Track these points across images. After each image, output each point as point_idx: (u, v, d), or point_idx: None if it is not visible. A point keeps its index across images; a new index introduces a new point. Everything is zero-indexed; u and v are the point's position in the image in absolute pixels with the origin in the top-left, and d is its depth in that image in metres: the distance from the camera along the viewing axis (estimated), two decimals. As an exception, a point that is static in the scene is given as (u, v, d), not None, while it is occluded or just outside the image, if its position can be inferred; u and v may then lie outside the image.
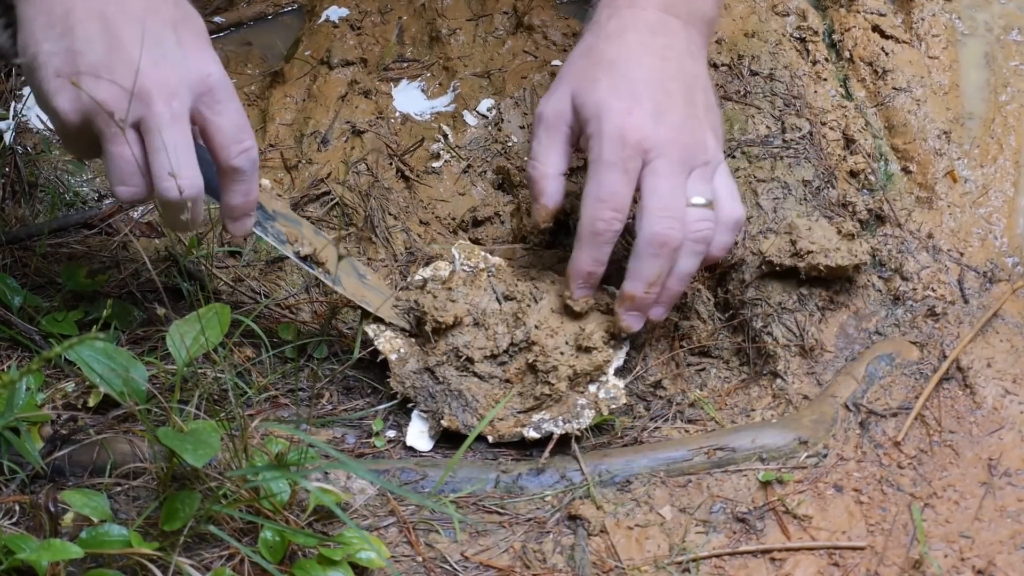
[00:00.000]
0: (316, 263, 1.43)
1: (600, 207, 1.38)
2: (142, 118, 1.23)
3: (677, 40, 1.45)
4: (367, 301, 1.44)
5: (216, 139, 1.28)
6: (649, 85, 1.40)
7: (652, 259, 1.39)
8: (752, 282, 1.55)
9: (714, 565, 1.28)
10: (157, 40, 1.24)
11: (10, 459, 1.25)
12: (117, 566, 1.15)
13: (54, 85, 1.23)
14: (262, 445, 1.28)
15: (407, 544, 1.28)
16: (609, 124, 1.38)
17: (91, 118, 1.23)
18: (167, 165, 1.23)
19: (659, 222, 1.37)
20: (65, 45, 1.22)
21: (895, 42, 1.77)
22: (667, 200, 1.38)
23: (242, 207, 1.34)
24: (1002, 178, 1.66)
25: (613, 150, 1.37)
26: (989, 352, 1.46)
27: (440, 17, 1.86)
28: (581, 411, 1.39)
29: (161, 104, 1.23)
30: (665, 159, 1.38)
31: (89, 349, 1.28)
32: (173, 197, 1.25)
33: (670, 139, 1.38)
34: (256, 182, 1.34)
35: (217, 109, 1.27)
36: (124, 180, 1.25)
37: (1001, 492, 1.33)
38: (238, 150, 1.29)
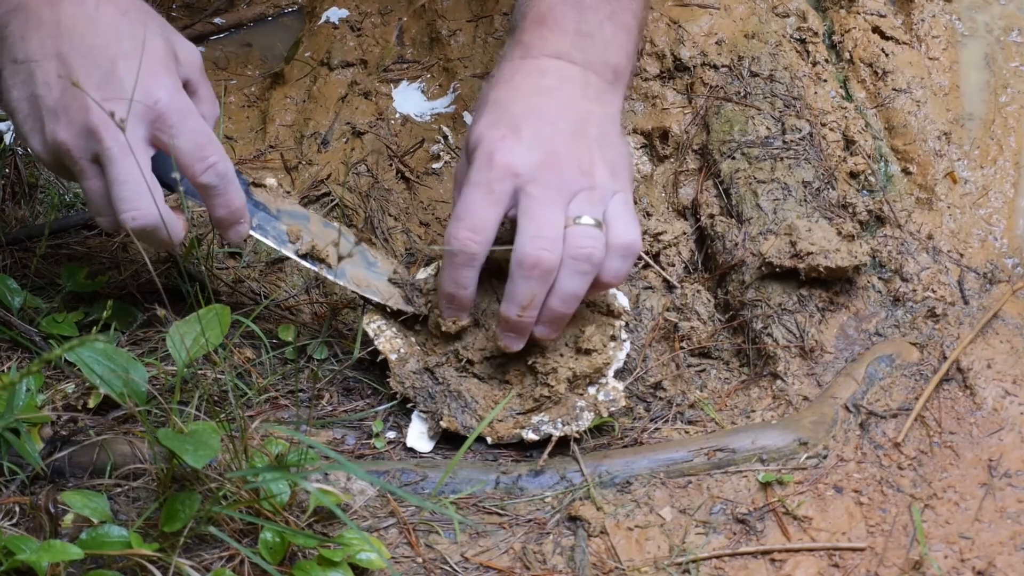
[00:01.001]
0: (317, 259, 1.43)
1: (456, 226, 1.34)
2: (96, 154, 1.28)
3: (570, 82, 1.42)
4: (373, 290, 1.44)
5: (179, 160, 1.31)
6: (529, 117, 1.37)
7: (523, 281, 1.33)
8: (752, 283, 1.55)
9: (714, 566, 1.28)
10: (105, 75, 1.28)
11: (10, 460, 1.25)
12: (117, 567, 1.15)
13: (26, 128, 1.31)
14: (262, 446, 1.28)
15: (407, 545, 1.28)
16: (481, 151, 1.36)
17: (59, 157, 1.30)
18: (120, 198, 1.28)
19: (530, 243, 1.33)
20: (28, 91, 1.29)
21: (895, 43, 1.77)
22: (539, 221, 1.33)
23: (228, 218, 1.36)
24: (1002, 179, 1.66)
25: (479, 172, 1.35)
26: (989, 353, 1.46)
27: (440, 18, 1.86)
28: (580, 413, 1.39)
29: (109, 139, 1.27)
30: (539, 184, 1.34)
31: (89, 350, 1.28)
32: (131, 227, 1.29)
33: (545, 163, 1.35)
34: (235, 190, 1.35)
35: (172, 132, 1.30)
36: (99, 211, 1.32)
37: (1001, 493, 1.33)
38: (202, 168, 1.32)
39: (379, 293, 1.44)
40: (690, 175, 1.69)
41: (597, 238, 1.34)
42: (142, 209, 1.28)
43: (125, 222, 1.29)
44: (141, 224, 1.29)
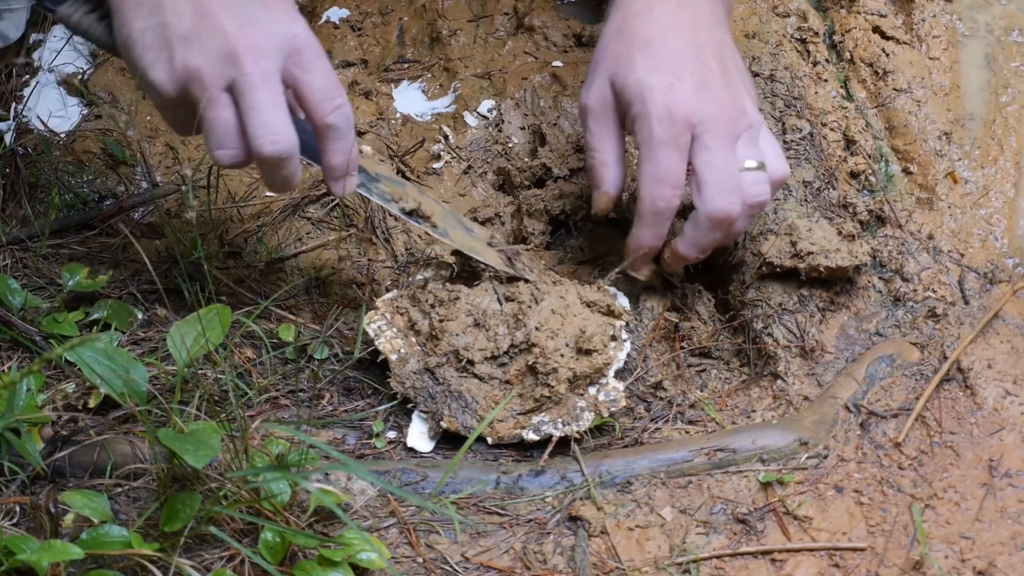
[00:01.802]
0: (422, 217, 1.45)
1: (660, 186, 1.41)
2: (234, 80, 1.27)
3: (702, 11, 1.47)
4: (477, 252, 1.46)
5: (309, 98, 1.31)
6: (686, 59, 1.42)
7: (712, 232, 1.43)
8: (752, 283, 1.55)
9: (715, 566, 1.28)
10: (242, 6, 1.28)
11: (10, 460, 1.25)
12: (118, 567, 1.15)
13: (148, 59, 1.28)
14: (263, 446, 1.28)
15: (408, 545, 1.28)
16: (654, 103, 1.39)
17: (186, 87, 1.28)
18: (260, 123, 1.27)
19: (720, 198, 1.40)
20: (156, 21, 1.27)
21: (896, 43, 1.77)
22: (723, 174, 1.40)
23: (342, 166, 1.36)
24: (1003, 179, 1.66)
25: (663, 128, 1.39)
26: (990, 353, 1.46)
27: (441, 18, 1.86)
28: (580, 413, 1.39)
29: (250, 65, 1.26)
30: (713, 132, 1.40)
31: (90, 350, 1.28)
32: (268, 153, 1.28)
33: (715, 111, 1.40)
34: (353, 140, 1.36)
35: (307, 68, 1.30)
36: (222, 143, 1.29)
37: (1002, 493, 1.33)
38: (331, 107, 1.32)
39: (482, 255, 1.46)
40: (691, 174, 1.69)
41: (765, 182, 1.43)
42: (283, 134, 1.28)
43: (263, 147, 1.27)
44: (280, 149, 1.28)
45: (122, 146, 1.72)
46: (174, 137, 1.75)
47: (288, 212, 1.66)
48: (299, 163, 1.33)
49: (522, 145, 1.74)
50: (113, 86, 1.78)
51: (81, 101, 1.78)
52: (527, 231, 1.64)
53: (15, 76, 1.80)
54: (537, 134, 1.74)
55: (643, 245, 1.46)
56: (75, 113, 1.77)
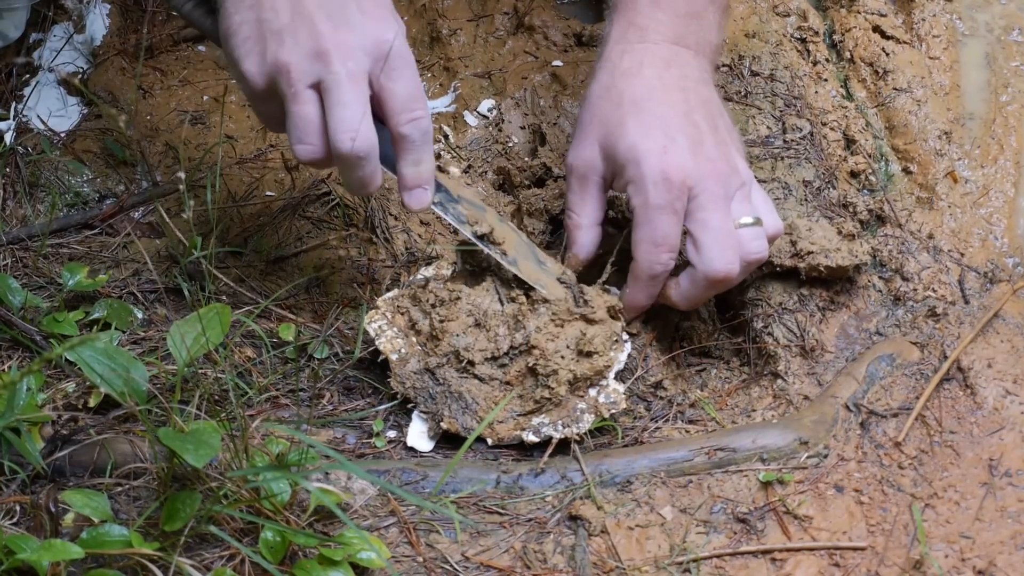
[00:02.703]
0: (493, 243, 1.45)
1: (657, 251, 1.41)
2: (321, 78, 1.29)
3: (691, 70, 1.47)
4: (544, 285, 1.44)
5: (388, 104, 1.32)
6: (677, 120, 1.42)
7: (709, 290, 1.43)
8: (752, 283, 1.55)
9: (715, 565, 1.28)
10: (339, 7, 1.30)
11: (11, 459, 1.25)
12: (118, 566, 1.15)
13: (242, 51, 1.31)
14: (263, 445, 1.28)
15: (408, 544, 1.28)
16: (649, 167, 1.39)
17: (275, 80, 1.30)
18: (342, 119, 1.28)
19: (719, 258, 1.40)
20: (254, 15, 1.31)
21: (896, 43, 1.77)
22: (720, 233, 1.40)
23: (413, 177, 1.37)
24: (1003, 178, 1.66)
25: (660, 193, 1.39)
26: (990, 352, 1.46)
27: (441, 18, 1.86)
28: (581, 415, 1.39)
29: (338, 63, 1.28)
30: (709, 194, 1.40)
31: (90, 349, 1.28)
32: (346, 150, 1.29)
33: (709, 172, 1.40)
34: (429, 153, 1.37)
35: (392, 76, 1.31)
36: (302, 138, 1.31)
37: (1002, 492, 1.33)
38: (408, 117, 1.33)
39: (547, 289, 1.44)
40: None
41: (762, 238, 1.43)
42: (362, 131, 1.29)
43: (342, 143, 1.29)
44: (359, 147, 1.29)
45: (122, 145, 1.72)
46: (174, 136, 1.75)
47: (288, 212, 1.66)
48: (378, 167, 1.34)
49: (522, 144, 1.74)
50: (113, 86, 1.78)
51: (81, 100, 1.78)
52: (527, 230, 1.64)
53: (15, 75, 1.80)
54: (537, 133, 1.74)
55: (637, 305, 1.47)
56: (75, 112, 1.77)
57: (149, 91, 1.80)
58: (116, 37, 1.84)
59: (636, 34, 1.47)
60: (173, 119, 1.77)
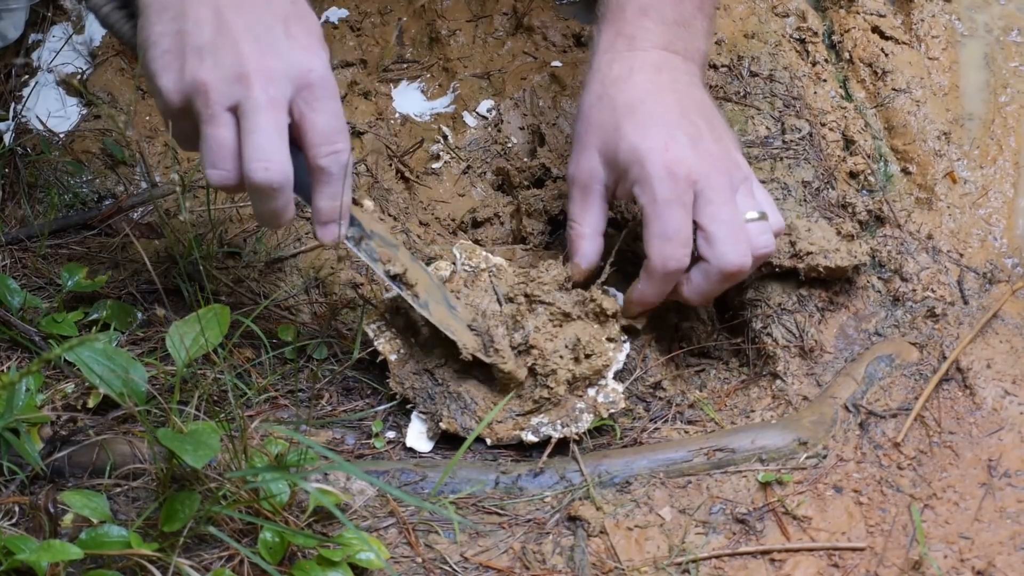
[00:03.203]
0: (406, 284, 1.41)
1: (670, 246, 1.39)
2: (239, 101, 1.24)
3: (681, 74, 1.47)
4: (454, 331, 1.41)
5: (308, 136, 1.28)
6: (673, 118, 1.41)
7: (722, 283, 1.42)
8: (751, 283, 1.55)
9: (714, 566, 1.28)
10: (266, 29, 1.26)
11: (10, 460, 1.25)
12: (117, 567, 1.15)
13: (160, 64, 1.26)
14: (262, 446, 1.28)
15: (407, 545, 1.28)
16: (653, 165, 1.38)
17: (191, 98, 1.25)
18: (256, 147, 1.24)
19: (733, 251, 1.39)
20: (176, 27, 1.25)
21: (895, 43, 1.77)
22: (731, 226, 1.39)
23: (328, 211, 1.33)
24: (1002, 179, 1.66)
25: (666, 188, 1.38)
26: (989, 353, 1.46)
27: (440, 18, 1.86)
28: (580, 415, 1.39)
29: (259, 89, 1.24)
30: (714, 187, 1.39)
31: (89, 350, 1.28)
32: (258, 180, 1.25)
33: (711, 165, 1.40)
34: (347, 187, 1.33)
35: (315, 106, 1.28)
36: (216, 163, 1.26)
37: (1001, 493, 1.33)
38: (328, 150, 1.29)
39: (457, 334, 1.41)
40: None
41: (768, 232, 1.43)
42: (276, 162, 1.25)
43: (254, 171, 1.24)
44: (271, 177, 1.25)
45: (121, 146, 1.72)
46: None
47: (287, 212, 1.66)
48: (291, 199, 1.29)
49: (521, 145, 1.74)
50: (112, 86, 1.78)
51: (80, 101, 1.78)
52: (526, 231, 1.64)
53: (14, 76, 1.80)
54: (536, 134, 1.74)
55: (647, 302, 1.45)
56: (74, 113, 1.77)
57: (148, 92, 1.80)
58: (115, 38, 1.84)
59: (624, 43, 1.46)
60: (172, 120, 1.77)
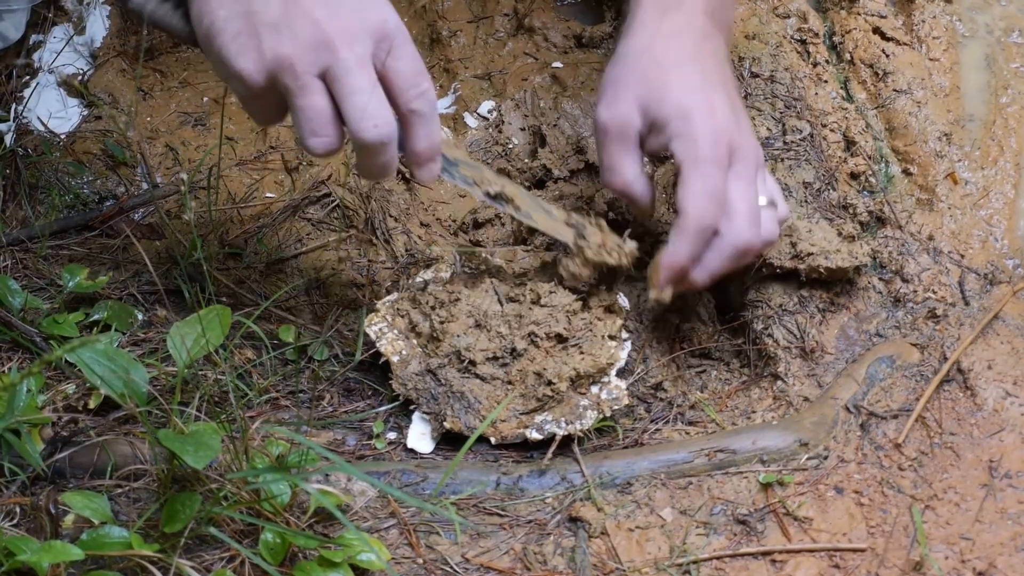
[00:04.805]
0: (506, 200, 1.45)
1: (710, 202, 1.38)
2: (328, 67, 1.25)
3: (719, 47, 1.49)
4: (560, 233, 1.45)
5: (395, 83, 1.29)
6: (718, 88, 1.43)
7: (732, 260, 1.41)
8: (752, 284, 1.55)
9: (715, 567, 1.28)
10: None
11: (11, 461, 1.25)
12: (118, 568, 1.15)
13: (235, 48, 1.25)
14: (263, 447, 1.28)
15: (408, 546, 1.28)
16: (700, 122, 1.39)
17: (276, 75, 1.25)
18: (361, 107, 1.25)
19: (749, 229, 1.39)
20: (241, 8, 1.24)
21: (896, 44, 1.77)
22: (751, 205, 1.40)
23: (427, 152, 1.34)
24: (1003, 180, 1.66)
25: (710, 148, 1.38)
26: (990, 354, 1.46)
27: (441, 19, 1.86)
28: (583, 412, 1.39)
29: (345, 50, 1.24)
30: (745, 162, 1.40)
31: (90, 351, 1.28)
32: (371, 138, 1.26)
33: (745, 141, 1.41)
34: (438, 125, 1.34)
35: (396, 54, 1.28)
36: (316, 131, 1.26)
37: (1002, 494, 1.33)
38: (417, 92, 1.30)
39: (560, 234, 1.46)
40: None
41: (775, 221, 1.44)
42: (383, 117, 1.26)
43: (365, 131, 1.26)
44: (382, 133, 1.26)
45: (122, 147, 1.72)
46: (174, 138, 1.75)
47: (288, 213, 1.66)
48: (396, 151, 1.31)
49: (522, 146, 1.74)
50: (113, 87, 1.78)
51: (81, 102, 1.78)
52: (527, 232, 1.64)
53: (15, 77, 1.80)
54: (537, 135, 1.74)
55: (679, 263, 1.41)
56: (75, 114, 1.77)
57: (149, 92, 1.80)
58: (116, 38, 1.84)
59: (674, 2, 1.47)
60: (173, 120, 1.77)
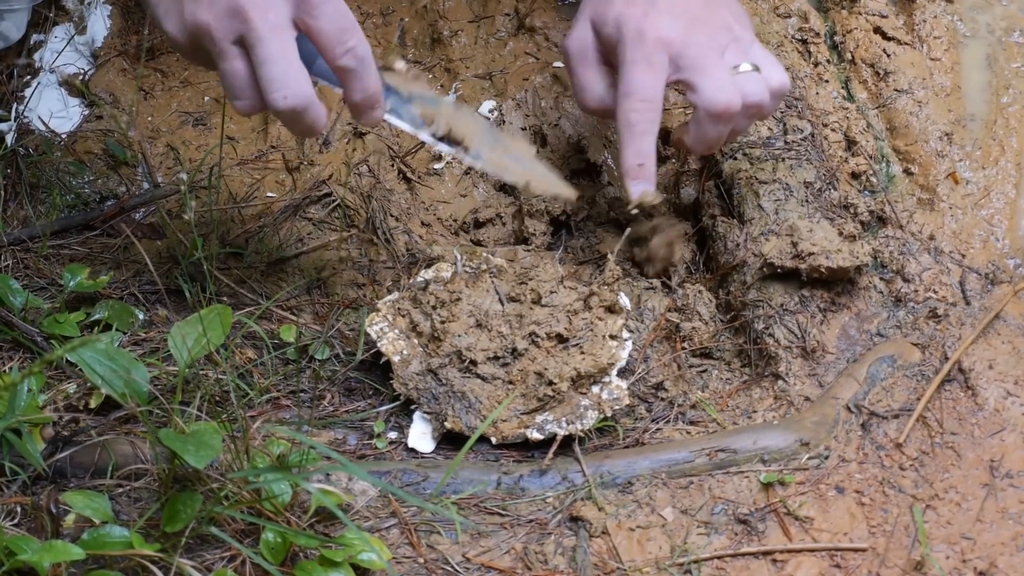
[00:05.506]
0: (454, 142, 1.43)
1: (629, 100, 1.43)
2: (242, 35, 1.28)
3: None
4: (509, 172, 1.43)
5: (320, 42, 1.32)
6: None
7: (713, 127, 1.44)
8: (753, 284, 1.55)
9: (716, 567, 1.28)
10: None
11: (12, 460, 1.25)
12: (119, 567, 1.15)
13: (162, 10, 1.32)
14: (264, 446, 1.28)
15: (408, 545, 1.28)
16: (627, 28, 1.43)
17: (198, 39, 1.30)
18: (271, 78, 1.28)
19: (718, 92, 1.42)
20: None
21: (897, 44, 1.77)
22: (714, 74, 1.42)
23: (364, 102, 1.37)
24: (1004, 180, 1.66)
25: (635, 48, 1.42)
26: (991, 354, 1.46)
27: (442, 19, 1.86)
28: (584, 412, 1.39)
29: (257, 18, 1.27)
30: (692, 44, 1.43)
31: (91, 351, 1.28)
32: (281, 107, 1.30)
33: (691, 28, 1.43)
34: (372, 75, 1.35)
35: (315, 14, 1.30)
36: (237, 94, 1.32)
37: (1003, 493, 1.33)
38: (342, 51, 1.32)
39: (510, 173, 1.43)
40: (691, 176, 1.69)
41: (761, 83, 1.45)
42: (293, 88, 1.29)
43: (275, 102, 1.29)
44: (292, 104, 1.30)
45: (123, 147, 1.72)
46: (175, 137, 1.75)
47: (289, 213, 1.66)
48: (319, 110, 1.32)
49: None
50: (114, 87, 1.78)
51: (82, 102, 1.79)
52: (528, 231, 1.64)
53: (16, 77, 1.80)
54: (538, 135, 1.74)
55: (630, 164, 1.46)
56: (76, 114, 1.77)
57: (150, 92, 1.80)
58: (117, 38, 1.84)
59: None
60: (174, 120, 1.78)
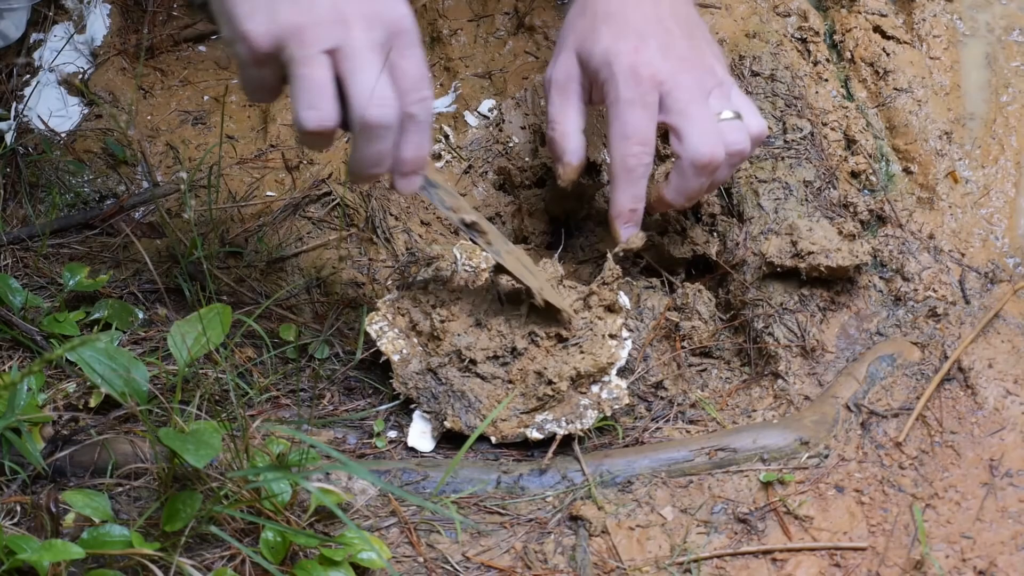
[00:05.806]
0: (479, 232, 1.43)
1: (627, 144, 1.44)
2: (339, 45, 1.23)
3: None
4: (525, 277, 1.43)
5: (399, 83, 1.27)
6: (649, 24, 1.45)
7: (696, 178, 1.45)
8: (753, 283, 1.55)
9: (715, 566, 1.28)
10: None
11: (11, 460, 1.25)
12: (118, 566, 1.15)
13: (247, 8, 1.22)
14: (263, 446, 1.28)
15: (408, 544, 1.28)
16: (619, 65, 1.43)
17: (283, 42, 1.22)
18: (368, 86, 1.23)
19: (703, 143, 1.43)
20: None
21: (896, 43, 1.77)
22: (701, 121, 1.43)
23: (413, 161, 1.32)
24: (1003, 179, 1.66)
25: (628, 88, 1.43)
26: (990, 353, 1.46)
27: (441, 18, 1.86)
28: (584, 411, 1.39)
29: (360, 31, 1.23)
30: (681, 87, 1.43)
31: (91, 350, 1.28)
32: (375, 117, 1.24)
33: (680, 68, 1.44)
34: (429, 138, 1.33)
35: (405, 53, 1.28)
36: (313, 103, 1.23)
37: (1003, 493, 1.33)
38: (417, 97, 1.29)
39: (527, 279, 1.43)
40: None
41: (743, 131, 1.46)
42: (391, 101, 1.25)
43: (371, 109, 1.23)
44: (387, 113, 1.24)
45: (123, 145, 1.72)
46: (174, 136, 1.75)
47: (289, 212, 1.66)
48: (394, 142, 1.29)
49: (523, 145, 1.74)
50: (114, 86, 1.78)
51: (82, 100, 1.79)
52: (528, 231, 1.64)
53: (16, 76, 1.80)
54: (538, 134, 1.74)
55: (623, 208, 1.47)
56: (75, 113, 1.77)
57: (150, 91, 1.80)
58: (116, 37, 1.84)
59: None
60: (174, 119, 1.77)
